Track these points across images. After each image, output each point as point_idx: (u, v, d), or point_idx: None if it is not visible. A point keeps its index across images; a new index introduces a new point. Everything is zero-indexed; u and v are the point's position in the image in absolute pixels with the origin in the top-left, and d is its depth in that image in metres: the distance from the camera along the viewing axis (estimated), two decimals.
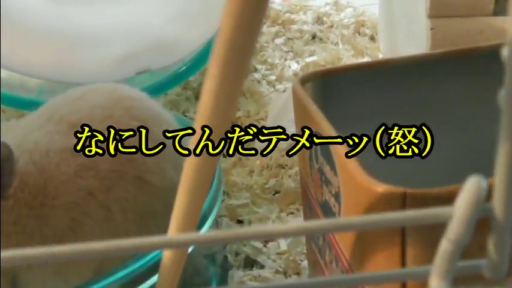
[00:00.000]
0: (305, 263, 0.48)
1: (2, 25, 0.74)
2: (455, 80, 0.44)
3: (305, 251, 0.49)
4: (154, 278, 0.39)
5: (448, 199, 0.22)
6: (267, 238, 0.52)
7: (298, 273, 0.48)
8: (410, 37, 0.70)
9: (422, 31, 0.65)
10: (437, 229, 0.22)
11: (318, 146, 0.34)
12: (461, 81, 0.45)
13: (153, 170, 0.45)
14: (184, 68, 0.72)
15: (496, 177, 0.21)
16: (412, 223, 0.24)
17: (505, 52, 0.19)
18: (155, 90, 0.72)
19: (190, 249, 0.42)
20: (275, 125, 0.67)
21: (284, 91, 0.75)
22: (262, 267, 0.50)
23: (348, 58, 0.81)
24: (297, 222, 0.21)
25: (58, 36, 0.79)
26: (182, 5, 0.80)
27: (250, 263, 0.51)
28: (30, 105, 0.71)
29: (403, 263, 0.28)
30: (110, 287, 0.39)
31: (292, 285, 0.23)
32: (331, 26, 0.89)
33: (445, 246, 0.21)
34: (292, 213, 0.56)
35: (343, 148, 0.30)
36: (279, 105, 0.69)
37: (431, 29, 0.63)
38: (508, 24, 0.19)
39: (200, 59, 0.72)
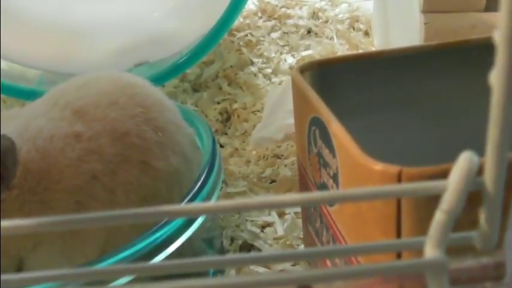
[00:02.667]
0: (302, 247, 0.50)
1: (2, 17, 0.75)
2: (448, 72, 0.46)
3: (301, 236, 0.50)
4: (159, 257, 0.40)
5: (442, 176, 0.23)
6: (272, 208, 0.53)
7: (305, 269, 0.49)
8: (404, 32, 0.72)
9: (416, 26, 0.66)
10: (430, 206, 0.23)
11: (317, 131, 0.35)
12: (453, 72, 0.46)
13: (157, 156, 0.46)
14: (182, 60, 0.73)
15: (487, 152, 0.22)
16: (408, 195, 0.25)
17: (496, 35, 0.20)
18: (153, 81, 0.73)
19: (190, 233, 0.43)
20: (271, 117, 0.69)
21: (280, 84, 0.77)
22: (259, 252, 0.51)
23: (343, 52, 0.82)
24: (297, 194, 0.22)
25: (58, 28, 0.80)
26: None
27: (247, 248, 0.52)
28: (30, 95, 0.72)
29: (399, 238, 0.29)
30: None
31: (288, 255, 0.25)
32: (326, 21, 0.91)
33: (439, 217, 0.23)
34: None
35: (342, 131, 0.31)
36: (275, 97, 0.71)
37: (425, 23, 0.65)
38: (498, 19, 0.20)
39: (198, 51, 0.73)
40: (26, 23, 0.79)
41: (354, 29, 0.89)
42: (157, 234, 0.42)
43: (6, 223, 0.22)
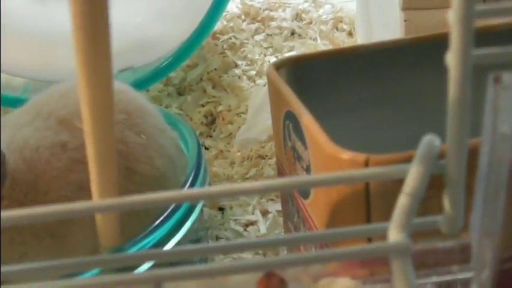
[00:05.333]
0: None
1: None
2: (425, 66, 0.46)
3: (283, 234, 0.51)
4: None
5: (408, 162, 0.24)
6: (240, 195, 0.56)
7: (277, 255, 0.50)
8: (385, 30, 0.72)
9: (396, 23, 0.67)
10: (397, 193, 0.23)
11: (290, 124, 0.35)
12: (430, 66, 0.46)
13: (141, 160, 0.46)
14: (164, 64, 0.74)
15: (447, 134, 0.22)
16: (373, 179, 0.26)
17: (450, 15, 0.21)
18: (137, 86, 0.73)
19: (178, 239, 0.43)
20: (255, 118, 0.69)
21: (264, 85, 0.77)
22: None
23: None
24: (268, 180, 0.22)
25: (42, 35, 0.80)
26: (165, 3, 0.81)
27: None
28: (16, 103, 0.72)
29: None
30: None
31: (265, 242, 0.25)
32: (310, 23, 0.91)
33: (402, 200, 0.23)
34: (272, 199, 0.58)
35: (313, 122, 0.31)
36: (258, 99, 0.71)
37: (405, 20, 0.65)
38: None
39: (180, 55, 0.73)
40: (11, 32, 0.79)
41: (337, 29, 0.89)
42: (146, 240, 0.42)
43: (6, 214, 0.22)
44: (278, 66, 0.41)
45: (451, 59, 0.21)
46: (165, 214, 0.43)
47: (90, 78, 0.27)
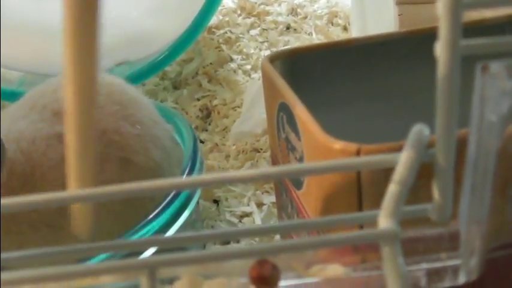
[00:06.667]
0: (278, 236, 0.50)
1: None
2: (419, 59, 0.46)
3: None
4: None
5: (399, 152, 0.24)
6: (236, 182, 0.56)
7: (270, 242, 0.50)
8: (380, 24, 0.72)
9: (391, 17, 0.67)
10: (388, 182, 0.24)
11: (284, 116, 0.36)
12: (425, 59, 0.47)
13: (137, 150, 0.46)
14: (160, 58, 0.74)
15: (437, 124, 0.23)
16: (364, 168, 0.26)
17: (439, 7, 0.21)
18: (133, 80, 0.73)
19: (176, 229, 0.44)
20: (250, 111, 0.69)
21: (259, 79, 0.77)
22: (237, 241, 0.52)
23: None
24: (262, 168, 0.23)
25: (38, 29, 0.81)
26: None
27: None
28: (11, 96, 0.73)
29: None
30: None
31: (259, 229, 0.25)
32: (305, 17, 0.91)
33: (391, 188, 0.23)
34: (267, 192, 0.58)
35: (306, 113, 0.32)
36: (253, 92, 0.71)
37: (399, 15, 0.65)
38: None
39: (175, 49, 0.74)
40: (6, 26, 0.80)
41: (332, 24, 0.89)
42: (144, 231, 0.42)
43: (6, 201, 0.23)
44: (273, 59, 0.42)
45: (440, 49, 0.21)
46: (163, 205, 0.43)
47: (75, 66, 0.27)
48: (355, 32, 0.84)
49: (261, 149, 0.65)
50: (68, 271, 0.23)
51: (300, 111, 0.32)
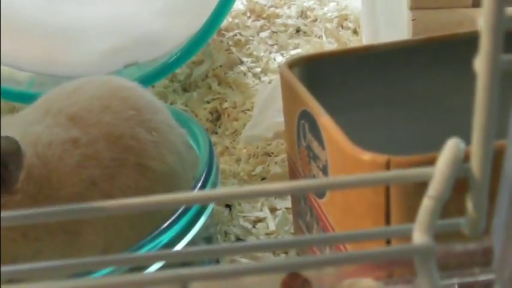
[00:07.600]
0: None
1: None
2: (436, 66, 0.46)
3: (292, 231, 0.51)
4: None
5: (430, 164, 0.24)
6: (264, 196, 0.56)
7: (286, 253, 0.50)
8: (392, 29, 0.72)
9: (404, 22, 0.67)
10: (419, 195, 0.23)
11: (306, 124, 0.36)
12: (441, 67, 0.47)
13: (153, 156, 0.46)
14: (171, 60, 0.74)
15: (473, 138, 0.22)
16: (396, 182, 0.26)
17: (481, 21, 0.21)
18: (143, 82, 0.73)
19: (191, 237, 0.44)
20: (261, 115, 0.69)
21: (269, 82, 0.77)
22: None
23: None
24: (288, 183, 0.22)
25: (48, 30, 0.80)
26: None
27: None
28: (21, 97, 0.72)
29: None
30: None
31: (278, 244, 0.25)
32: (315, 20, 0.91)
33: (426, 203, 0.23)
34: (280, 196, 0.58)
35: (331, 123, 0.32)
36: (264, 96, 0.71)
37: (412, 20, 0.65)
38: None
39: (187, 51, 0.73)
40: (16, 27, 0.79)
41: (342, 27, 0.89)
42: (160, 239, 0.42)
43: (7, 214, 0.22)
44: (291, 65, 0.41)
45: (479, 63, 0.21)
46: (178, 212, 0.43)
47: None
48: (365, 36, 0.83)
49: (272, 153, 0.65)
50: (96, 284, 0.23)
51: (325, 121, 0.32)
